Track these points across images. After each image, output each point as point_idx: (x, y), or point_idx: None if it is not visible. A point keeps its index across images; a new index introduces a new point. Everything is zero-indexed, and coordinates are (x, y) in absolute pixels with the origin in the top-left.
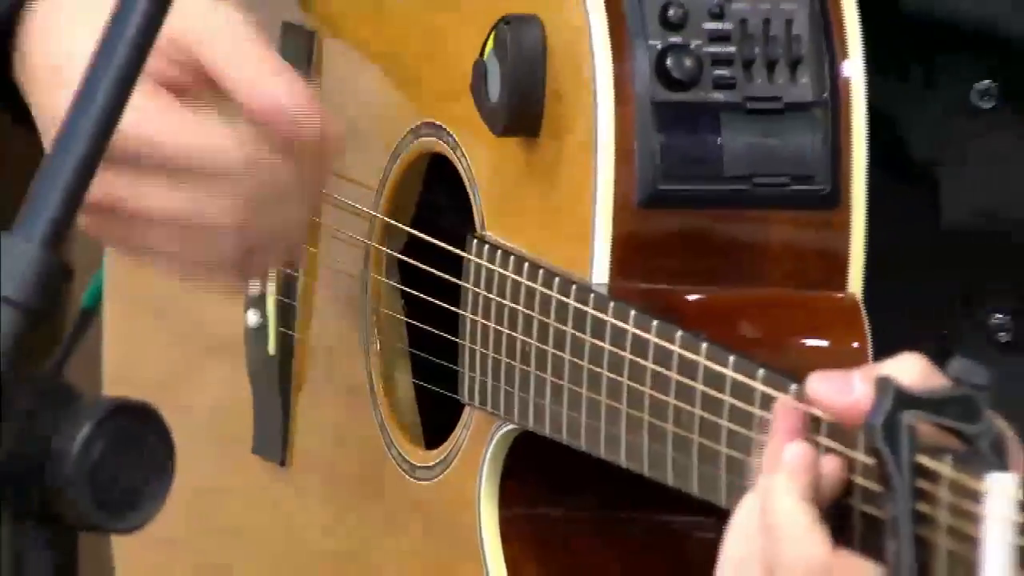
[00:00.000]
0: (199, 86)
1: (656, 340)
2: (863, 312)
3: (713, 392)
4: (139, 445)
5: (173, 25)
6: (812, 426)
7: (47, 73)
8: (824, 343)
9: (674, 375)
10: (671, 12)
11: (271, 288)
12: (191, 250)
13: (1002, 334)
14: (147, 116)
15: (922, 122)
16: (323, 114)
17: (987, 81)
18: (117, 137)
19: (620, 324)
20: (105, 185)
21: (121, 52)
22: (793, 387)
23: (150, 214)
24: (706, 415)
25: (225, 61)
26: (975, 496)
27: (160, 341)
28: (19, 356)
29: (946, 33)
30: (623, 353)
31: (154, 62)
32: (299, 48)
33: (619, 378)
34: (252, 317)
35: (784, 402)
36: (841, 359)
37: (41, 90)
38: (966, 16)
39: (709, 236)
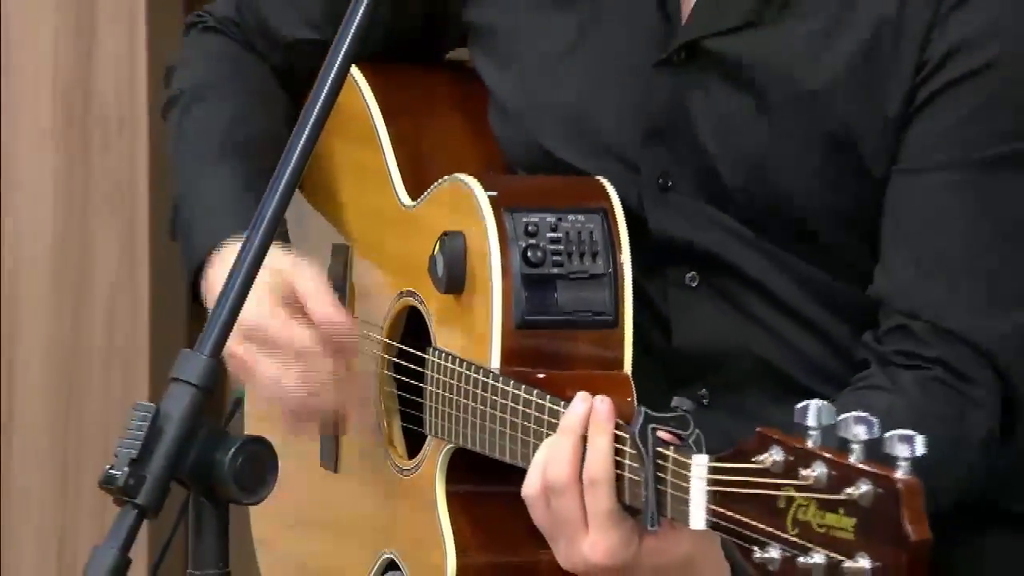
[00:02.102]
0: (295, 304)
1: (523, 395)
2: (632, 382)
3: (547, 418)
4: (259, 458)
5: (283, 270)
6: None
7: (213, 300)
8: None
9: (532, 412)
10: (529, 228)
11: None
12: (280, 395)
13: (704, 400)
14: (267, 314)
15: (658, 289)
16: (350, 323)
17: (692, 272)
18: (249, 321)
19: (502, 387)
20: (240, 347)
21: (242, 276)
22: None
23: (258, 370)
24: (547, 432)
25: (305, 294)
26: (687, 467)
27: (273, 414)
28: (200, 413)
29: (672, 245)
30: (505, 401)
31: (273, 287)
32: (341, 256)
33: (502, 416)
34: None
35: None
36: (620, 406)
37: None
38: (681, 236)
39: (551, 342)
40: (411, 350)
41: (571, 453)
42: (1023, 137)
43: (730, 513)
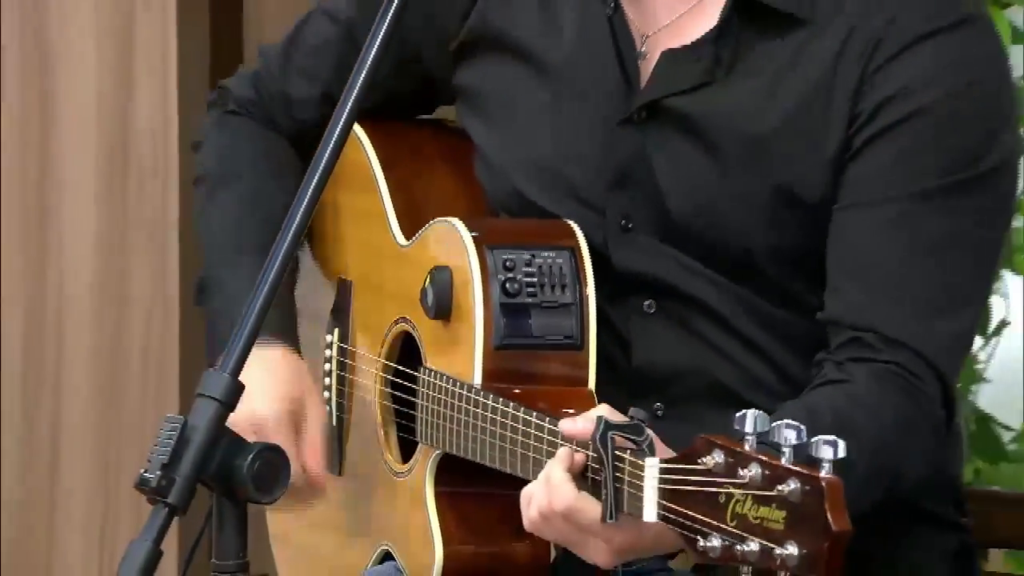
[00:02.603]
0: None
1: (500, 407)
2: (595, 396)
3: (523, 427)
4: (273, 464)
5: (295, 395)
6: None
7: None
8: (576, 411)
9: (509, 422)
10: (507, 263)
11: (333, 401)
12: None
13: (659, 412)
14: (272, 431)
15: (620, 315)
16: (320, 478)
17: (650, 300)
18: (259, 418)
19: (484, 400)
20: (245, 427)
21: (259, 303)
22: (560, 422)
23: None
24: (520, 439)
25: (308, 439)
26: (641, 468)
27: None
28: (222, 424)
29: (632, 278)
30: (486, 413)
31: (288, 406)
32: (345, 288)
33: (483, 426)
34: (324, 408)
35: (564, 429)
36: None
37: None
38: (641, 269)
39: (526, 362)
40: (405, 369)
41: (531, 493)
42: (950, 172)
43: (678, 508)
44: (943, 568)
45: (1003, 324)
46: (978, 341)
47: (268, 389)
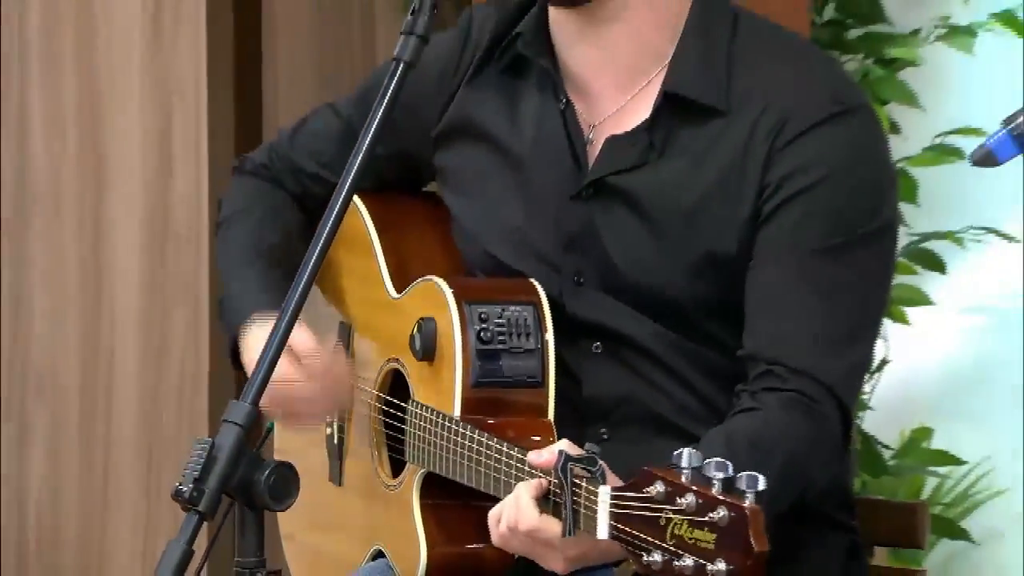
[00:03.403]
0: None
1: (475, 436)
2: (553, 426)
3: (495, 455)
4: (286, 478)
5: (310, 345)
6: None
7: (249, 364)
8: (538, 438)
9: (483, 449)
10: (482, 315)
11: (335, 425)
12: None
13: (604, 436)
14: (289, 365)
15: (573, 355)
16: (346, 376)
17: (598, 343)
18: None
19: (462, 430)
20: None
21: (274, 347)
22: (528, 454)
23: (288, 394)
24: (491, 463)
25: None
26: (595, 494)
27: (298, 441)
28: (243, 445)
29: (583, 324)
30: (463, 441)
31: (300, 348)
32: (345, 333)
33: (461, 451)
34: (328, 431)
35: (531, 459)
36: (546, 444)
37: (248, 370)
38: (590, 318)
39: (497, 397)
40: (396, 401)
41: (499, 512)
42: (841, 234)
43: (625, 528)
44: (838, 561)
45: (884, 362)
46: None
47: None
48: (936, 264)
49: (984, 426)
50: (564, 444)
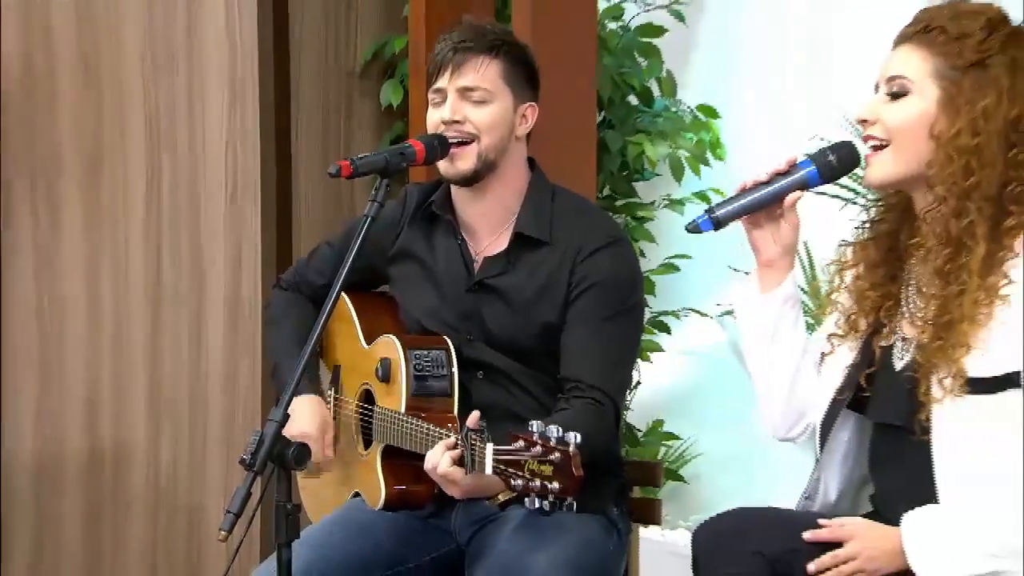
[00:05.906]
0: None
1: (413, 422)
2: (457, 418)
3: (423, 432)
4: (304, 451)
5: (320, 420)
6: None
7: (297, 422)
8: (449, 424)
9: (418, 430)
10: (416, 356)
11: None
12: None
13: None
14: (312, 438)
15: (466, 379)
16: (329, 461)
17: (480, 372)
18: (307, 431)
19: (405, 420)
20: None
21: (299, 372)
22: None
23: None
24: (421, 436)
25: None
26: (484, 448)
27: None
28: (279, 433)
29: (472, 361)
30: (406, 426)
31: (318, 423)
32: (336, 371)
33: (405, 431)
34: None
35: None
36: (453, 429)
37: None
38: (476, 357)
39: (426, 402)
40: (367, 407)
41: (428, 460)
42: (612, 309)
43: (501, 466)
44: (614, 493)
45: (638, 383)
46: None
47: (308, 417)
48: (664, 328)
49: (692, 420)
50: (470, 422)
